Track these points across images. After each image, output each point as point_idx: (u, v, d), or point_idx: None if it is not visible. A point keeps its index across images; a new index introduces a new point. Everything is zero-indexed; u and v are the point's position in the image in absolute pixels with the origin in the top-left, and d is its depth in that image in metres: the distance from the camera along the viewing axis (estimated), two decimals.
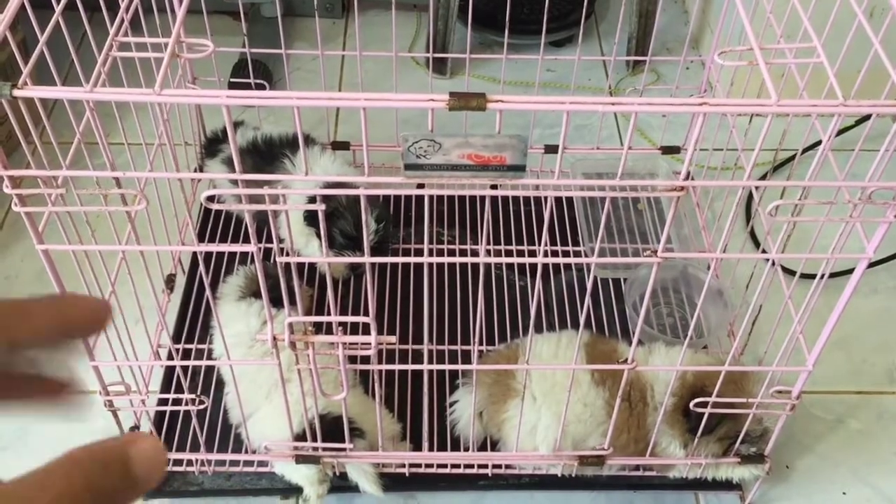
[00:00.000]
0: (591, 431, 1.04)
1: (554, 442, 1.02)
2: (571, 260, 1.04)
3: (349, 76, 1.77)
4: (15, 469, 0.28)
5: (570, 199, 1.43)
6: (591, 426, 1.04)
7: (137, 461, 0.30)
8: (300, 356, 0.88)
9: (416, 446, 1.12)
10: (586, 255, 1.35)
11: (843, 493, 1.17)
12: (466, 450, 1.09)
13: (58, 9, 0.78)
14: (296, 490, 1.10)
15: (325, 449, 1.01)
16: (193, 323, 1.27)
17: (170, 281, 1.26)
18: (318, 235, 0.78)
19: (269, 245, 1.28)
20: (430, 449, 1.11)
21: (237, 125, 1.40)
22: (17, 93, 0.66)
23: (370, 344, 0.83)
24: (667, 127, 1.48)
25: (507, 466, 1.11)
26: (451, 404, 1.13)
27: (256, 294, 1.15)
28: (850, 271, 0.85)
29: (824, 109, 0.69)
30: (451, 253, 1.37)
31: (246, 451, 1.09)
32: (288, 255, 0.79)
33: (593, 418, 1.04)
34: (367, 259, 0.78)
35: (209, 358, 1.17)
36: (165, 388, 1.16)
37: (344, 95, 0.67)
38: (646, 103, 0.67)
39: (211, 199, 0.73)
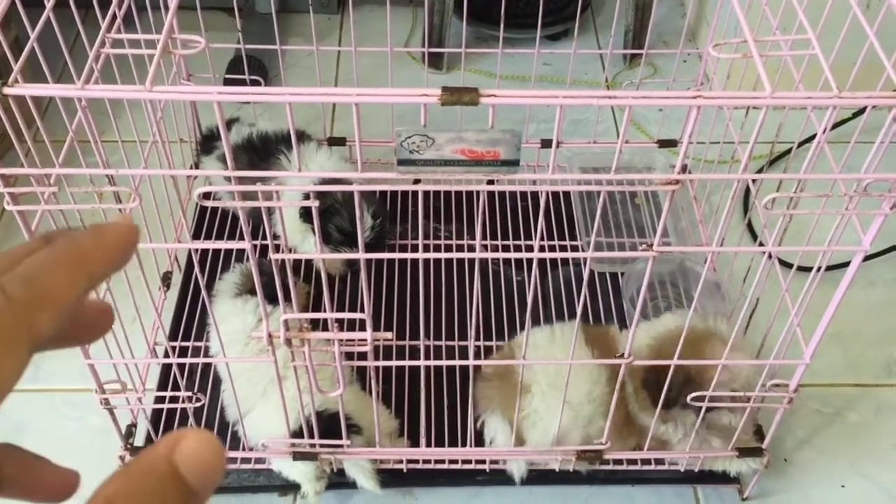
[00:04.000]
0: (599, 410, 1.04)
1: (569, 428, 1.02)
2: (568, 254, 1.03)
3: (345, 72, 1.77)
4: None
5: (566, 194, 1.43)
6: (599, 404, 1.04)
7: (189, 472, 0.26)
8: (296, 353, 0.88)
9: (414, 442, 1.12)
10: (583, 250, 1.35)
11: (842, 486, 1.17)
12: (464, 445, 1.09)
13: (48, 5, 0.77)
14: (293, 487, 1.10)
15: (322, 445, 1.01)
16: (190, 320, 1.27)
17: (166, 278, 1.26)
18: (314, 232, 0.77)
19: (264, 242, 1.28)
20: (428, 445, 1.11)
21: (232, 122, 1.39)
22: (7, 90, 0.65)
23: (366, 340, 0.83)
24: (663, 120, 1.47)
25: (506, 461, 1.11)
26: (479, 422, 1.09)
27: (252, 291, 1.15)
28: (847, 264, 0.85)
29: (819, 102, 0.68)
30: (448, 248, 1.37)
31: (243, 449, 1.08)
32: (283, 251, 0.78)
33: (600, 397, 1.04)
34: (362, 255, 0.77)
35: (206, 355, 1.17)
36: (162, 385, 1.16)
37: (336, 91, 0.67)
38: (640, 97, 0.66)
39: (206, 196, 0.72)
